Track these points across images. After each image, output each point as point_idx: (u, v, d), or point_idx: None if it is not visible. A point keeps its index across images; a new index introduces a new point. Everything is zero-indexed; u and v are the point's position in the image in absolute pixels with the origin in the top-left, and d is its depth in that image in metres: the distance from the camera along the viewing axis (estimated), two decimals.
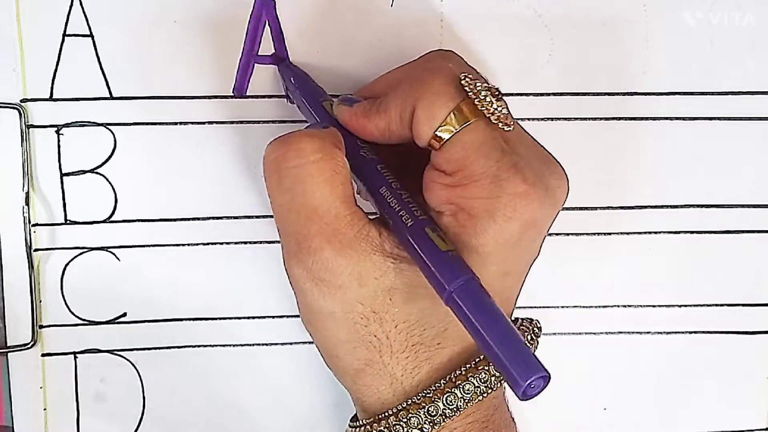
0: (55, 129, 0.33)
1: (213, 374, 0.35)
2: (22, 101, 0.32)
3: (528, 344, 0.24)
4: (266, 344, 0.35)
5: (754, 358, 0.37)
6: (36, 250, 0.33)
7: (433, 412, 0.26)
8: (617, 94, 0.34)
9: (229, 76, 0.33)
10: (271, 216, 0.34)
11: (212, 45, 0.32)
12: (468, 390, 0.27)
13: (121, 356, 0.34)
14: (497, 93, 0.26)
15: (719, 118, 0.35)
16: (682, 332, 0.36)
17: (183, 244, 0.34)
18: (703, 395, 0.37)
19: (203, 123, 0.33)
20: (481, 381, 0.27)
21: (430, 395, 0.27)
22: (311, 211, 0.26)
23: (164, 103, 0.33)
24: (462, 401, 0.26)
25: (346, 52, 0.33)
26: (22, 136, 0.32)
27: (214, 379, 0.35)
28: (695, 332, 0.36)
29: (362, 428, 0.28)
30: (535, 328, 0.29)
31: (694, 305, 0.36)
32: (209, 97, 0.33)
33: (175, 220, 0.33)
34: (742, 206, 0.35)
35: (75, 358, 0.34)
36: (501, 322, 0.24)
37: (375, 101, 0.28)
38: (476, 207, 0.26)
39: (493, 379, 0.27)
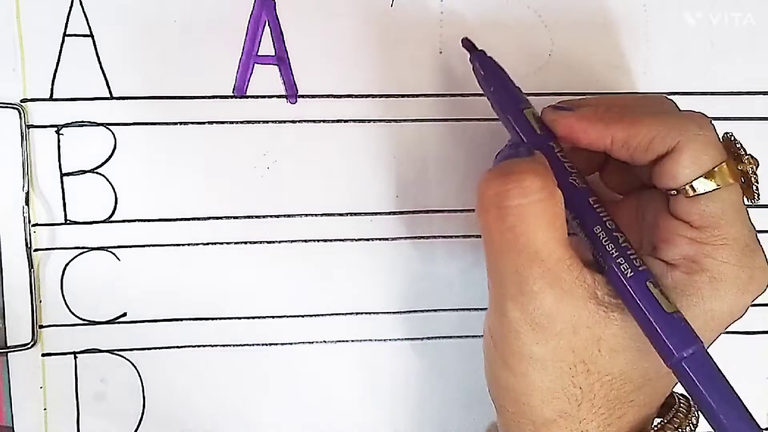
0: (55, 129, 0.33)
1: (213, 374, 0.35)
2: (22, 101, 0.32)
3: (752, 419, 0.24)
4: (266, 344, 0.35)
5: (754, 358, 0.37)
6: (36, 250, 0.33)
7: None
8: (617, 94, 0.34)
9: (229, 76, 0.33)
10: (272, 216, 0.34)
11: (212, 45, 0.32)
12: None
13: (121, 356, 0.34)
14: (756, 163, 0.26)
15: (719, 118, 0.35)
16: None
17: (183, 244, 0.34)
18: None
19: (203, 123, 0.33)
20: None
21: None
22: (534, 253, 0.25)
23: (164, 103, 0.33)
24: None
25: (346, 52, 0.33)
26: (22, 136, 0.32)
27: (214, 379, 0.35)
28: None
29: None
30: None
31: None
32: (209, 97, 0.33)
33: (175, 220, 0.33)
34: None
35: (75, 358, 0.34)
36: (732, 396, 0.24)
37: (610, 109, 0.27)
38: (723, 272, 0.25)
39: None
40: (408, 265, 0.35)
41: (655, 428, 0.27)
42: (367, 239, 0.34)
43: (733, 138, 0.26)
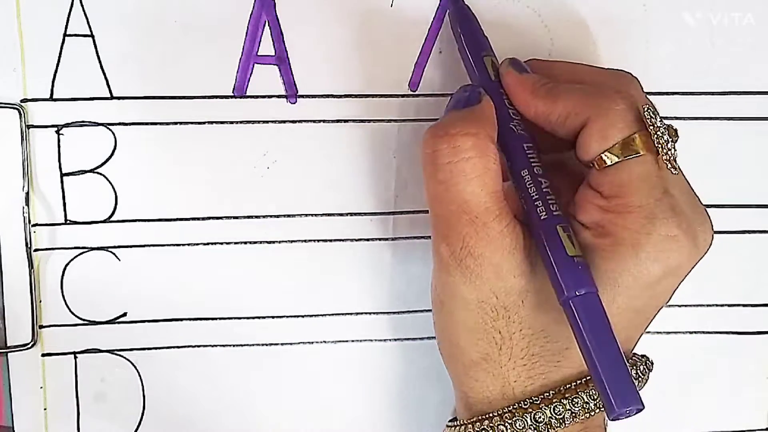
0: (55, 129, 0.33)
1: (213, 374, 0.35)
2: (22, 101, 0.32)
3: (631, 375, 0.25)
4: (266, 344, 0.35)
5: (754, 358, 0.37)
6: (36, 250, 0.33)
7: (539, 418, 0.27)
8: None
9: (229, 76, 0.33)
10: (272, 216, 0.34)
11: (212, 45, 0.32)
12: (577, 404, 0.27)
13: (121, 356, 0.34)
14: (674, 134, 0.27)
15: (719, 118, 0.35)
16: (682, 332, 0.36)
17: (183, 244, 0.34)
18: (703, 395, 0.37)
19: (203, 123, 0.33)
20: (591, 397, 0.27)
21: (538, 402, 0.27)
22: (462, 203, 0.27)
23: (164, 103, 0.33)
24: (569, 414, 0.27)
25: (346, 52, 0.33)
26: (22, 136, 0.32)
27: (214, 379, 0.35)
28: (695, 332, 0.36)
29: (465, 427, 0.28)
30: (646, 364, 0.29)
31: (695, 305, 0.36)
32: (209, 97, 0.33)
33: (175, 220, 0.33)
34: (742, 206, 0.35)
35: (75, 358, 0.34)
36: (612, 345, 0.24)
37: (547, 83, 0.28)
38: (624, 237, 0.26)
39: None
40: (407, 265, 0.35)
41: (588, 378, 0.27)
42: (367, 239, 0.34)
43: (646, 109, 0.27)
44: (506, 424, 0.27)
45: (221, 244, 0.34)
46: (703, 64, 0.34)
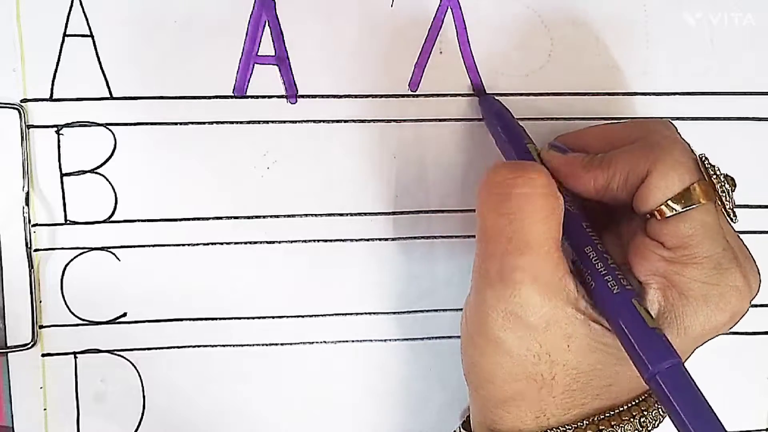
0: (55, 129, 0.33)
1: (213, 374, 0.35)
2: (22, 101, 0.32)
3: None
4: (266, 344, 0.35)
5: (754, 358, 0.37)
6: (36, 250, 0.33)
7: None
8: (617, 94, 0.34)
9: (229, 76, 0.33)
10: (272, 216, 0.34)
11: (212, 45, 0.32)
12: None
13: (121, 356, 0.34)
14: (732, 183, 0.27)
15: (719, 118, 0.35)
16: None
17: (183, 244, 0.34)
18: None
19: (203, 123, 0.33)
20: (624, 430, 0.27)
21: (572, 430, 0.27)
22: (525, 243, 0.25)
23: (164, 103, 0.33)
24: None
25: (346, 52, 0.33)
26: (22, 136, 0.32)
27: (214, 379, 0.35)
28: None
29: None
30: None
31: None
32: (209, 97, 0.33)
33: (175, 220, 0.33)
34: (742, 206, 0.35)
35: (75, 358, 0.34)
36: (709, 414, 0.24)
37: (596, 155, 0.28)
38: (692, 289, 0.26)
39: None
40: (408, 265, 0.35)
41: (621, 410, 0.27)
42: (367, 239, 0.34)
43: (704, 159, 0.27)
44: None
45: (221, 244, 0.34)
46: (703, 64, 0.34)
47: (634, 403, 0.27)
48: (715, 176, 0.26)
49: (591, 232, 0.28)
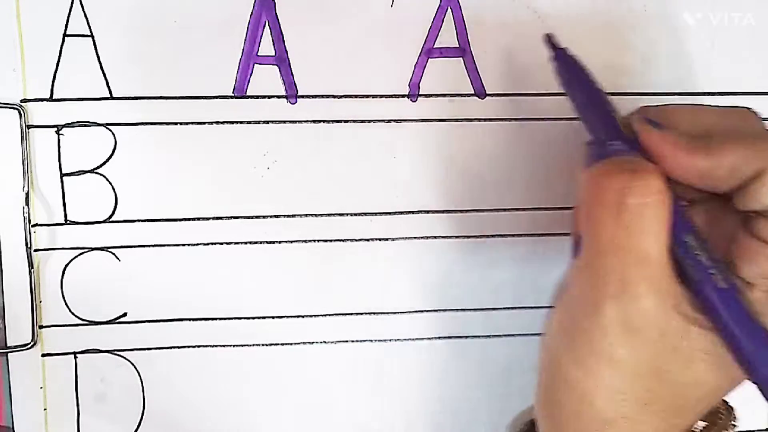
0: (55, 129, 0.33)
1: (213, 374, 0.35)
2: (22, 101, 0.32)
3: None
4: (266, 344, 0.35)
5: None
6: (36, 250, 0.33)
7: None
8: (617, 94, 0.34)
9: (229, 76, 0.33)
10: (272, 216, 0.34)
11: (212, 45, 0.32)
12: None
13: (121, 356, 0.34)
14: None
15: None
16: None
17: (183, 244, 0.34)
18: None
19: (203, 123, 0.33)
20: None
21: None
22: (643, 255, 0.24)
23: (164, 103, 0.33)
24: None
25: (346, 52, 0.33)
26: (22, 136, 0.32)
27: (214, 379, 0.35)
28: None
29: None
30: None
31: None
32: (209, 97, 0.33)
33: (175, 220, 0.33)
34: None
35: (75, 358, 0.34)
36: None
37: (698, 137, 0.26)
38: None
39: None
40: (407, 266, 0.35)
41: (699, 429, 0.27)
42: (367, 239, 0.34)
43: None
44: None
45: (221, 244, 0.34)
46: (703, 64, 0.34)
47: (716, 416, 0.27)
48: None
49: (689, 219, 0.26)
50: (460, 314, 0.35)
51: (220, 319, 0.34)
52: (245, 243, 0.34)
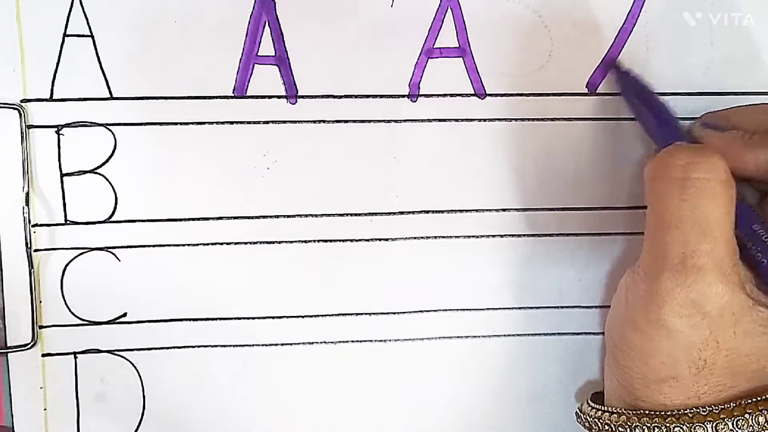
0: (55, 129, 0.33)
1: (213, 374, 0.35)
2: (22, 101, 0.32)
3: None
4: (266, 345, 0.35)
5: None
6: (36, 250, 0.33)
7: (720, 428, 0.26)
8: (617, 94, 0.34)
9: (229, 76, 0.33)
10: (272, 216, 0.34)
11: (212, 45, 0.32)
12: (759, 422, 0.26)
13: (121, 356, 0.34)
14: None
15: None
16: None
17: (183, 244, 0.34)
18: None
19: (203, 123, 0.33)
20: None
21: (717, 412, 0.26)
22: (706, 229, 0.25)
23: (164, 103, 0.33)
24: (749, 430, 0.26)
25: (346, 52, 0.33)
26: (22, 136, 0.32)
27: (214, 379, 0.35)
28: None
29: (638, 417, 0.27)
30: None
31: None
32: (209, 97, 0.33)
33: (175, 220, 0.33)
34: None
35: (75, 358, 0.34)
36: None
37: (756, 134, 0.27)
38: None
39: None
40: (407, 266, 0.35)
41: (753, 401, 0.27)
42: (367, 239, 0.34)
43: None
44: (683, 427, 0.26)
45: (221, 244, 0.34)
46: (703, 64, 0.34)
47: None
48: None
49: (754, 210, 0.27)
50: (462, 314, 0.35)
51: (221, 319, 0.34)
52: (245, 243, 0.34)
